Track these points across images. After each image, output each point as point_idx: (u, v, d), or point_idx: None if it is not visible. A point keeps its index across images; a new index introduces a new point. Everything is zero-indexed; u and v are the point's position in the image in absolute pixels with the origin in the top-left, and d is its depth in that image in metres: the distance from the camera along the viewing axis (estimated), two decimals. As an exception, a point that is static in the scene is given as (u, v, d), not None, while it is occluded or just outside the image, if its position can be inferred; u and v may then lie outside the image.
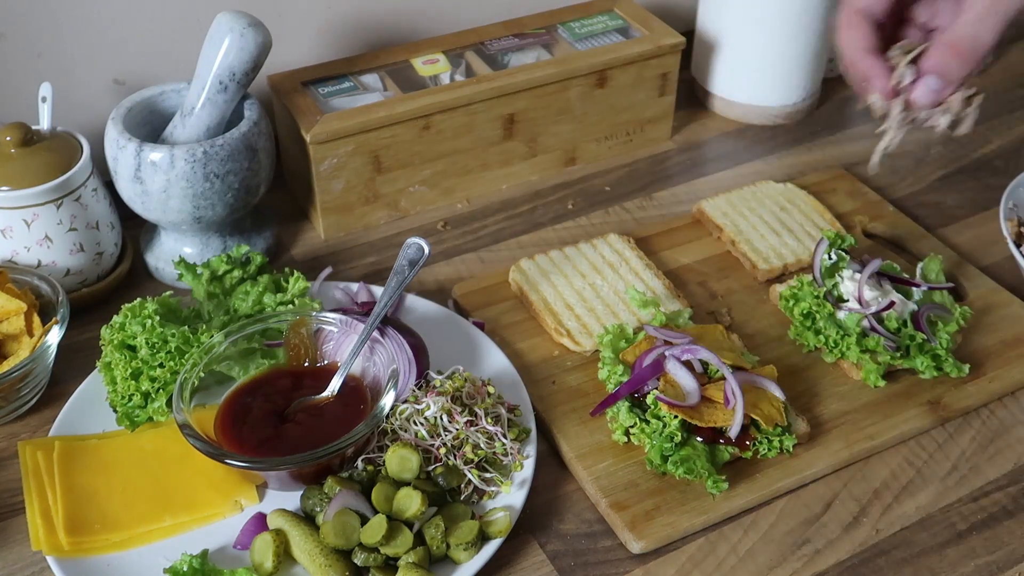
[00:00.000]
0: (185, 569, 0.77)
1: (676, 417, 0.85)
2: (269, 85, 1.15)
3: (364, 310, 0.99)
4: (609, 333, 0.94)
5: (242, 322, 0.91)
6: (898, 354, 0.94)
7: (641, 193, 1.23)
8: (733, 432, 0.86)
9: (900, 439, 0.92)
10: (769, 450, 0.87)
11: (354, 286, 1.05)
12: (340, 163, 1.11)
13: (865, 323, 0.96)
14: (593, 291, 1.04)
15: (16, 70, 1.10)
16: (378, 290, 1.04)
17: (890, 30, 0.81)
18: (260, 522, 0.82)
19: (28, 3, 1.07)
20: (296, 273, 0.99)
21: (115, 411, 0.89)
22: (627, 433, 0.88)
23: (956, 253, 1.11)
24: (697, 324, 0.99)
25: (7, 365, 0.90)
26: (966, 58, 0.75)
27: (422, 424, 0.85)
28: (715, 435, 0.86)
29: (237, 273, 1.00)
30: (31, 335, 0.93)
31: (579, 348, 0.98)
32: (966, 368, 0.95)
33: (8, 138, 0.98)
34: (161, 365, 0.88)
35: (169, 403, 0.88)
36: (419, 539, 0.79)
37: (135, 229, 1.12)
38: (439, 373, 0.90)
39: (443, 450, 0.84)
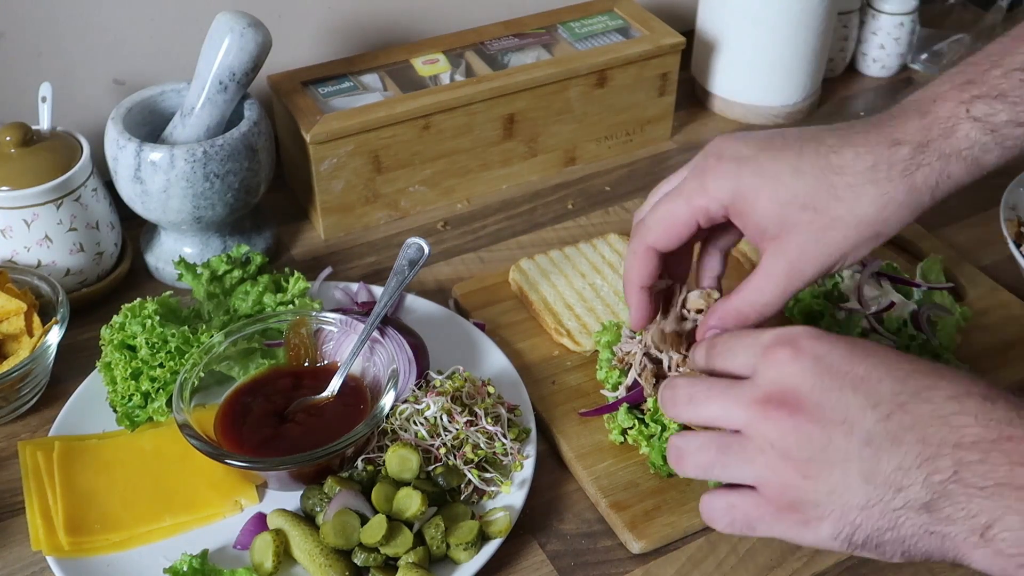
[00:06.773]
0: (185, 569, 0.77)
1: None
2: (269, 85, 1.15)
3: (364, 310, 0.99)
4: (606, 330, 0.94)
5: (242, 322, 0.91)
6: (898, 354, 0.94)
7: (641, 193, 1.23)
8: None
9: (900, 439, 0.92)
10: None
11: (354, 286, 1.05)
12: (340, 163, 1.11)
13: (865, 323, 0.95)
14: (593, 291, 1.04)
15: (16, 70, 1.10)
16: (378, 290, 1.04)
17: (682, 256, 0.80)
18: (260, 522, 0.82)
19: (28, 3, 1.07)
20: (296, 273, 0.99)
21: (115, 411, 0.89)
22: (624, 433, 0.88)
23: (956, 253, 1.11)
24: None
25: (7, 365, 0.90)
26: (748, 323, 0.74)
27: (422, 424, 0.85)
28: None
29: (237, 273, 1.00)
30: (31, 335, 0.93)
31: (579, 348, 0.98)
32: (965, 368, 0.95)
33: (8, 138, 0.98)
34: (161, 365, 0.88)
35: (169, 403, 0.88)
36: (419, 539, 0.79)
37: (135, 229, 1.12)
38: (439, 373, 0.90)
39: (443, 450, 0.84)
